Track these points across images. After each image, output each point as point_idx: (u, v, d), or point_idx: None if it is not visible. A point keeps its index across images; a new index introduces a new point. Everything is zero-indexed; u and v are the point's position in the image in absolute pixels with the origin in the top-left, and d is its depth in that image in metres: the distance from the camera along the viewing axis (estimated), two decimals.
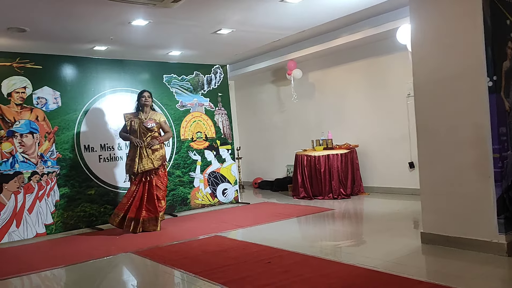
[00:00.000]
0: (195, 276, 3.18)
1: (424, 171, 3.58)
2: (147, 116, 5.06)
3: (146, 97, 5.05)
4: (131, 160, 4.94)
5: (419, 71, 3.56)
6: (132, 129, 4.98)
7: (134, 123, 4.98)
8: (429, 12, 3.47)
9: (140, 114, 5.04)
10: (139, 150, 4.91)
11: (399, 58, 6.20)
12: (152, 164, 4.94)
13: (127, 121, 5.03)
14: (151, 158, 4.96)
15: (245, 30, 5.73)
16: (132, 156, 4.95)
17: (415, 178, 6.17)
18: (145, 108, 5.07)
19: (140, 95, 5.10)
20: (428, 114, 3.52)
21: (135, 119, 5.01)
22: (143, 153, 4.94)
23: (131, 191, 4.96)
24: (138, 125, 4.98)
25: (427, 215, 3.58)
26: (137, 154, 4.92)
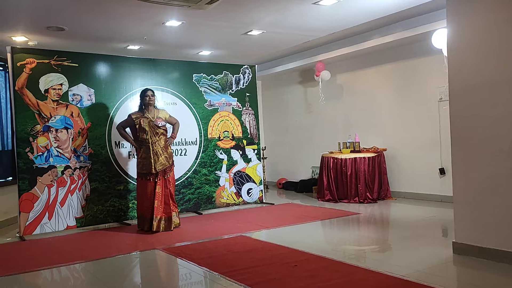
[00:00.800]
0: (221, 275, 3.21)
1: (459, 179, 3.50)
2: (153, 114, 5.05)
3: (149, 96, 5.03)
4: (145, 159, 4.89)
5: (455, 76, 3.48)
6: (141, 128, 4.94)
7: (142, 122, 4.94)
8: (467, 17, 3.39)
9: (145, 113, 5.01)
10: (153, 148, 4.90)
11: (431, 61, 6.08)
12: (168, 162, 4.96)
13: (135, 120, 4.99)
14: (166, 156, 4.97)
15: (276, 32, 5.74)
16: (145, 155, 4.91)
17: (445, 185, 6.10)
18: (149, 107, 5.05)
19: (143, 94, 5.05)
20: (464, 121, 3.43)
21: (143, 118, 4.97)
22: (158, 151, 4.92)
23: (148, 191, 4.90)
24: (148, 124, 4.95)
25: (460, 224, 3.49)
26: (151, 153, 4.90)
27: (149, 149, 4.89)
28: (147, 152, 4.90)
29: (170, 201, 4.97)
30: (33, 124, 5.05)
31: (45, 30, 5.31)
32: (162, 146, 4.98)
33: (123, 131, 5.08)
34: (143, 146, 4.94)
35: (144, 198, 4.93)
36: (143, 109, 5.04)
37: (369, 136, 7.07)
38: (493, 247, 3.24)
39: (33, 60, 5.08)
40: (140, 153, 4.98)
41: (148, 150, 4.89)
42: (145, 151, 4.92)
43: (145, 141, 4.94)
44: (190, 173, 6.12)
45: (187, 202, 6.07)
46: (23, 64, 5.02)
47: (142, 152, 4.95)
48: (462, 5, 3.41)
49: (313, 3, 4.62)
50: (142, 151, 4.95)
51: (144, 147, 4.93)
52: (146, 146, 4.92)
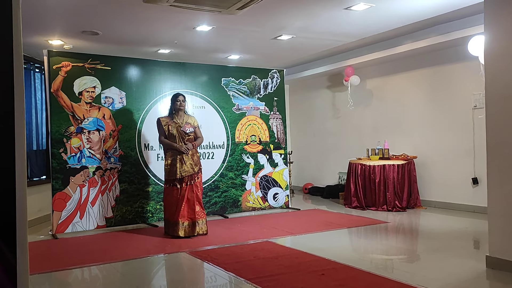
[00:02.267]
0: (247, 281, 3.21)
1: (494, 191, 3.37)
2: (182, 120, 4.93)
3: (181, 101, 4.91)
4: (171, 165, 4.83)
5: (492, 85, 3.37)
6: (170, 134, 4.85)
7: (171, 128, 4.85)
8: (507, 23, 3.27)
9: (175, 118, 4.90)
10: (179, 155, 4.81)
11: (466, 68, 5.90)
12: (193, 169, 4.84)
13: (164, 126, 4.88)
14: (191, 163, 4.86)
15: (305, 37, 5.71)
16: (171, 161, 4.84)
17: (479, 195, 5.90)
18: (179, 113, 4.93)
19: (174, 99, 4.93)
20: (501, 130, 3.31)
21: (171, 123, 4.87)
22: (183, 157, 4.84)
23: (174, 196, 4.81)
24: (176, 129, 4.85)
25: (494, 238, 3.37)
26: (178, 159, 4.81)
27: (176, 155, 4.83)
28: (173, 158, 4.83)
29: (195, 206, 4.84)
30: (67, 125, 5.20)
31: (80, 34, 5.47)
32: (190, 153, 4.89)
33: (166, 141, 4.91)
34: (169, 151, 4.88)
35: (169, 204, 4.87)
36: (173, 113, 4.95)
37: (399, 143, 6.93)
38: None
39: (68, 63, 5.24)
40: (166, 159, 4.90)
41: (174, 156, 4.83)
42: (171, 157, 4.86)
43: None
44: (217, 176, 6.15)
45: (214, 205, 6.10)
46: (59, 67, 5.19)
47: (168, 158, 4.88)
48: (501, 10, 3.29)
49: (345, 8, 4.57)
50: (168, 157, 4.88)
51: (170, 152, 4.87)
52: (174, 153, 4.85)
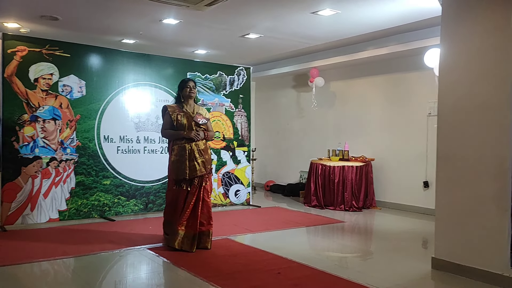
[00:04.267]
0: (204, 280, 3.22)
1: (442, 197, 3.56)
2: (192, 109, 4.19)
3: (191, 87, 4.16)
4: (178, 162, 4.02)
5: (445, 97, 3.54)
6: (179, 124, 4.06)
7: (180, 117, 4.07)
8: (461, 39, 3.44)
9: (184, 107, 4.15)
10: (189, 150, 4.02)
11: (423, 76, 6.16)
12: (205, 168, 4.06)
13: (172, 114, 4.09)
14: (203, 161, 4.06)
15: (273, 37, 5.76)
16: (178, 157, 4.02)
17: (429, 198, 6.19)
18: (188, 101, 4.20)
19: (184, 85, 4.17)
20: (451, 141, 3.49)
21: (180, 112, 4.11)
22: (194, 153, 4.03)
23: (179, 200, 4.02)
24: (187, 119, 4.08)
25: (440, 241, 3.56)
26: (186, 155, 4.00)
27: (184, 150, 4.01)
28: (181, 153, 4.01)
29: (202, 216, 4.04)
30: (21, 113, 4.99)
31: (38, 19, 5.25)
32: (201, 148, 4.09)
33: (171, 132, 4.13)
34: (176, 145, 4.06)
35: (174, 208, 4.07)
36: (182, 101, 4.19)
37: (358, 145, 7.14)
38: (470, 265, 3.31)
39: (24, 48, 5.02)
40: (172, 154, 4.08)
41: (182, 152, 4.01)
42: (179, 152, 4.03)
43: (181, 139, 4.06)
44: None
45: None
46: (14, 51, 4.96)
47: (175, 154, 4.05)
48: (457, 27, 3.46)
49: (312, 12, 4.65)
50: (174, 153, 4.05)
51: (177, 147, 4.05)
52: (181, 147, 4.04)
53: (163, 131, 4.21)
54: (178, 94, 4.24)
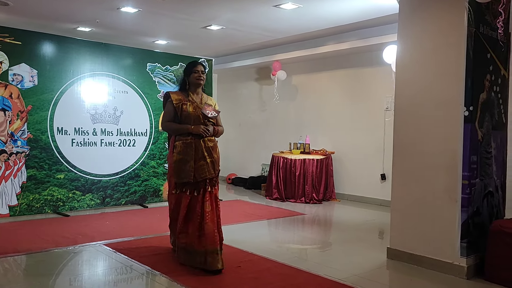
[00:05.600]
0: (163, 275, 3.18)
1: (397, 190, 3.68)
2: (200, 99, 3.49)
3: (200, 72, 3.45)
4: (182, 161, 3.31)
5: (401, 93, 3.65)
6: (184, 115, 3.36)
7: (186, 107, 3.38)
8: (416, 38, 3.55)
9: (190, 96, 3.44)
10: (196, 147, 3.32)
11: (381, 72, 6.32)
12: (214, 170, 3.39)
13: (176, 104, 3.38)
14: (212, 160, 3.38)
15: (235, 29, 5.72)
16: (182, 155, 3.31)
17: (385, 190, 6.38)
18: (197, 89, 3.49)
19: (191, 69, 3.45)
20: (406, 135, 3.61)
21: (186, 101, 3.41)
22: (203, 152, 3.34)
23: (182, 208, 3.35)
24: (194, 110, 3.38)
25: (395, 232, 3.69)
26: (193, 153, 3.31)
27: (190, 147, 3.32)
28: (186, 151, 3.31)
29: (212, 228, 3.30)
30: None
31: None
32: (209, 145, 3.39)
33: (174, 125, 3.40)
34: (179, 141, 3.36)
35: (176, 216, 3.46)
36: (187, 89, 3.48)
37: (319, 138, 7.26)
38: (423, 255, 3.45)
39: None
40: (174, 152, 3.37)
41: (188, 149, 3.31)
42: (183, 150, 3.32)
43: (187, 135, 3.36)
44: (138, 165, 5.96)
45: (133, 195, 5.92)
46: None
47: (178, 151, 3.33)
48: (413, 24, 3.57)
49: (274, 5, 4.65)
50: (177, 150, 3.34)
51: (181, 143, 3.34)
52: (186, 143, 3.33)
53: (164, 123, 3.46)
54: (183, 79, 3.52)
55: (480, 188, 3.39)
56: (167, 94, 3.47)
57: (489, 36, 3.42)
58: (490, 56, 3.44)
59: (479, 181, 3.38)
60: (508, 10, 3.61)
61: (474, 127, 3.30)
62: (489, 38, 3.42)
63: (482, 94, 3.38)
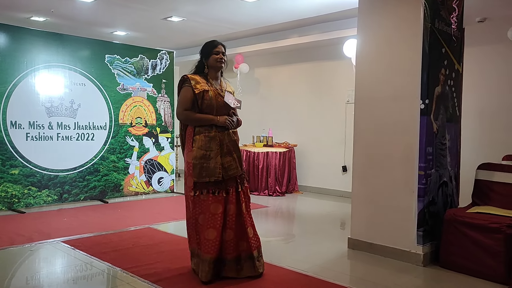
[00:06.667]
0: (124, 271, 3.11)
1: (357, 181, 3.78)
2: (220, 86, 3.04)
3: (221, 53, 3.00)
4: (204, 158, 2.86)
5: (361, 86, 3.73)
6: (206, 103, 2.91)
7: (208, 95, 2.92)
8: (375, 32, 3.63)
9: (210, 81, 3.00)
10: (220, 140, 2.91)
11: (343, 65, 6.44)
12: (240, 166, 2.97)
13: (197, 91, 2.90)
14: (239, 156, 2.98)
15: (196, 21, 5.63)
16: (205, 151, 2.86)
17: (347, 181, 6.53)
18: (216, 73, 3.04)
19: (210, 50, 2.99)
20: (365, 128, 3.70)
21: (209, 88, 2.95)
22: (228, 145, 2.93)
23: (211, 212, 2.86)
24: (215, 98, 2.93)
25: (355, 222, 3.78)
26: (217, 147, 2.88)
27: (214, 141, 2.89)
28: (209, 145, 2.87)
29: (247, 229, 2.99)
30: None
31: None
32: (234, 138, 3.01)
33: (194, 115, 2.92)
34: (201, 134, 2.90)
35: (203, 225, 2.89)
36: (206, 74, 3.03)
37: (282, 131, 7.31)
38: (382, 244, 3.56)
39: None
40: (194, 146, 2.90)
41: (211, 143, 2.88)
42: (206, 144, 2.88)
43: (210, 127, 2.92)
44: (97, 159, 5.79)
45: (92, 190, 5.75)
46: None
47: (200, 146, 2.88)
48: (372, 19, 3.65)
49: None
50: (198, 144, 2.88)
51: (203, 136, 2.89)
52: (209, 137, 2.89)
53: (182, 112, 2.93)
54: (200, 62, 3.05)
55: (436, 179, 3.54)
56: (185, 78, 2.98)
57: (444, 31, 3.55)
58: (444, 51, 3.58)
59: (434, 172, 3.51)
60: (461, 6, 3.76)
61: (429, 119, 3.42)
62: (444, 33, 3.55)
63: (437, 88, 3.51)
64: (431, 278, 3.16)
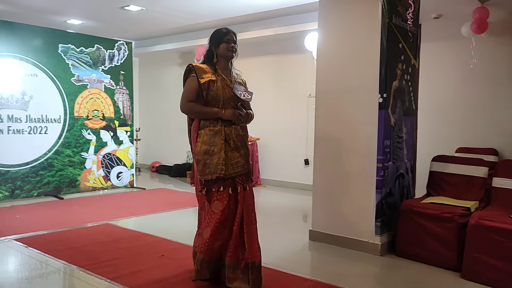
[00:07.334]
0: (81, 269, 3.00)
1: (318, 174, 3.82)
2: (230, 75, 2.86)
3: (233, 40, 2.80)
4: (208, 153, 2.65)
5: (322, 80, 3.77)
6: (211, 95, 2.71)
7: (215, 86, 2.72)
8: (335, 26, 3.68)
9: (218, 71, 2.80)
10: (227, 135, 2.70)
11: (305, 59, 6.48)
12: (247, 163, 2.78)
13: (202, 81, 2.70)
14: (246, 152, 2.78)
15: (156, 11, 5.48)
16: (209, 146, 2.65)
17: (309, 174, 6.60)
18: (226, 63, 2.85)
19: (221, 37, 2.78)
20: (326, 121, 3.75)
21: (216, 78, 2.75)
22: (235, 141, 2.73)
23: (215, 212, 2.67)
24: (223, 89, 2.74)
25: (316, 214, 3.83)
26: (223, 143, 2.67)
27: (218, 135, 2.68)
28: (212, 140, 2.67)
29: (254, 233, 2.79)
30: None
31: None
32: (242, 134, 2.81)
33: (199, 108, 2.72)
34: (206, 128, 2.70)
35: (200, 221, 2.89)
36: (215, 63, 2.82)
37: None
38: (342, 235, 3.63)
39: None
40: (198, 141, 2.71)
41: (215, 138, 2.67)
42: (210, 139, 2.68)
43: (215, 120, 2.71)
44: (51, 153, 5.54)
45: (46, 186, 5.50)
46: None
47: (204, 141, 2.68)
48: (332, 13, 3.69)
49: None
50: (202, 139, 2.69)
51: (208, 131, 2.69)
52: (214, 131, 2.68)
53: (186, 104, 2.74)
54: (208, 51, 2.83)
55: (393, 171, 3.64)
56: (191, 67, 2.76)
57: (401, 27, 3.64)
58: (401, 46, 3.67)
59: (391, 164, 3.61)
60: (418, 2, 3.87)
61: (387, 113, 3.50)
62: (401, 29, 3.64)
63: (395, 82, 3.60)
64: (387, 267, 3.26)
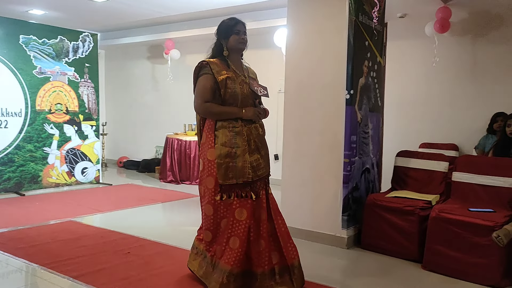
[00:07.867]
0: (42, 268, 2.91)
1: (287, 169, 3.85)
2: (243, 71, 2.69)
3: (243, 32, 2.62)
4: (231, 156, 2.48)
5: (291, 75, 3.79)
6: (229, 93, 2.53)
7: (232, 83, 2.55)
8: (303, 23, 3.70)
9: (232, 67, 2.61)
10: (248, 135, 2.55)
11: (274, 54, 6.48)
12: (268, 165, 2.65)
13: (218, 77, 2.52)
14: (267, 153, 2.65)
15: (122, 2, 5.34)
16: (229, 148, 2.48)
17: (279, 170, 6.65)
18: (237, 56, 2.67)
19: (231, 29, 2.59)
20: (295, 117, 3.77)
21: (232, 75, 2.57)
22: (255, 141, 2.57)
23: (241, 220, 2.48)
24: (240, 87, 2.57)
25: (285, 209, 3.80)
26: (244, 143, 2.51)
27: (240, 136, 2.51)
28: (234, 142, 2.50)
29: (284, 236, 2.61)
30: None
31: None
32: (261, 133, 2.67)
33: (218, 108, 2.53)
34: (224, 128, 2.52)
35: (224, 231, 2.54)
36: (225, 57, 2.61)
37: None
38: (310, 229, 3.68)
39: None
40: (217, 142, 2.51)
41: (237, 139, 2.50)
42: (231, 140, 2.50)
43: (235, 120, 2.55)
44: (12, 148, 5.32)
45: (7, 182, 5.28)
46: None
47: (224, 142, 2.50)
48: (300, 10, 3.70)
49: None
50: (221, 141, 2.50)
51: (227, 131, 2.51)
52: (235, 131, 2.52)
53: (202, 104, 2.52)
54: (217, 44, 2.62)
55: (359, 166, 3.71)
56: (204, 64, 2.55)
57: (367, 25, 3.70)
58: (368, 44, 3.73)
59: (358, 159, 3.68)
60: (383, 1, 3.94)
61: (354, 109, 3.56)
62: (367, 27, 3.70)
63: (361, 79, 3.66)
64: (353, 259, 3.33)
